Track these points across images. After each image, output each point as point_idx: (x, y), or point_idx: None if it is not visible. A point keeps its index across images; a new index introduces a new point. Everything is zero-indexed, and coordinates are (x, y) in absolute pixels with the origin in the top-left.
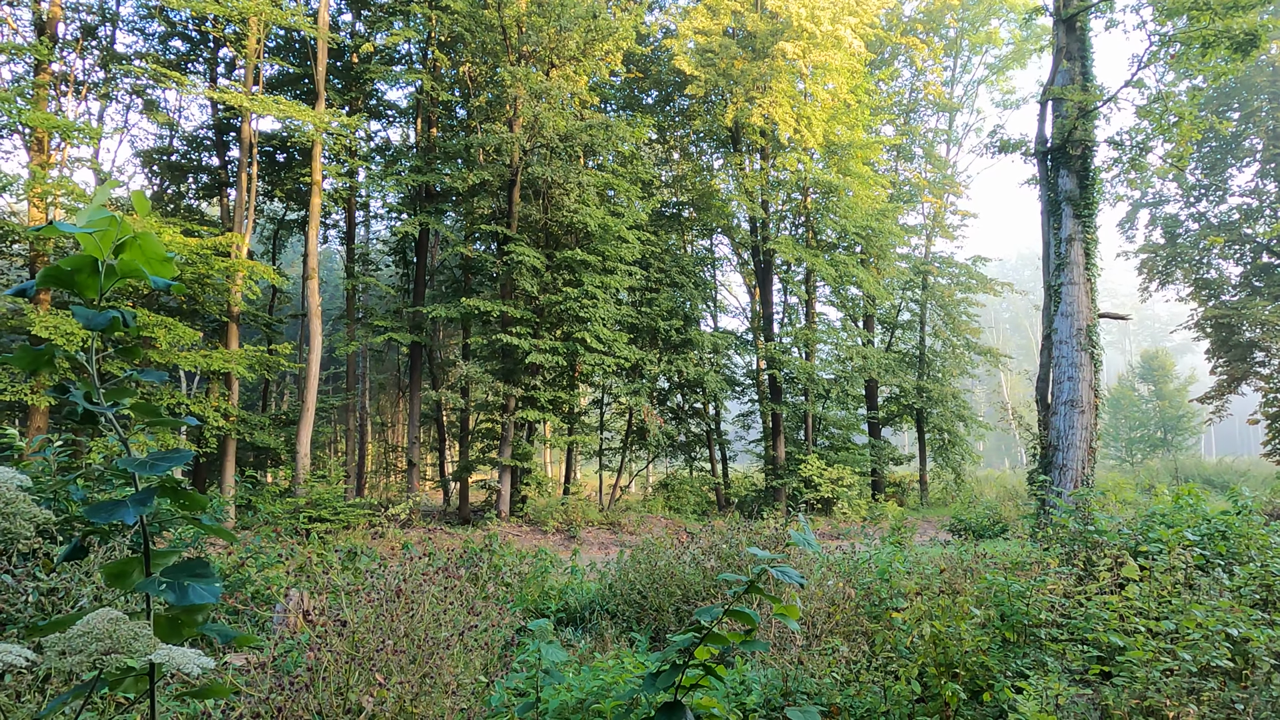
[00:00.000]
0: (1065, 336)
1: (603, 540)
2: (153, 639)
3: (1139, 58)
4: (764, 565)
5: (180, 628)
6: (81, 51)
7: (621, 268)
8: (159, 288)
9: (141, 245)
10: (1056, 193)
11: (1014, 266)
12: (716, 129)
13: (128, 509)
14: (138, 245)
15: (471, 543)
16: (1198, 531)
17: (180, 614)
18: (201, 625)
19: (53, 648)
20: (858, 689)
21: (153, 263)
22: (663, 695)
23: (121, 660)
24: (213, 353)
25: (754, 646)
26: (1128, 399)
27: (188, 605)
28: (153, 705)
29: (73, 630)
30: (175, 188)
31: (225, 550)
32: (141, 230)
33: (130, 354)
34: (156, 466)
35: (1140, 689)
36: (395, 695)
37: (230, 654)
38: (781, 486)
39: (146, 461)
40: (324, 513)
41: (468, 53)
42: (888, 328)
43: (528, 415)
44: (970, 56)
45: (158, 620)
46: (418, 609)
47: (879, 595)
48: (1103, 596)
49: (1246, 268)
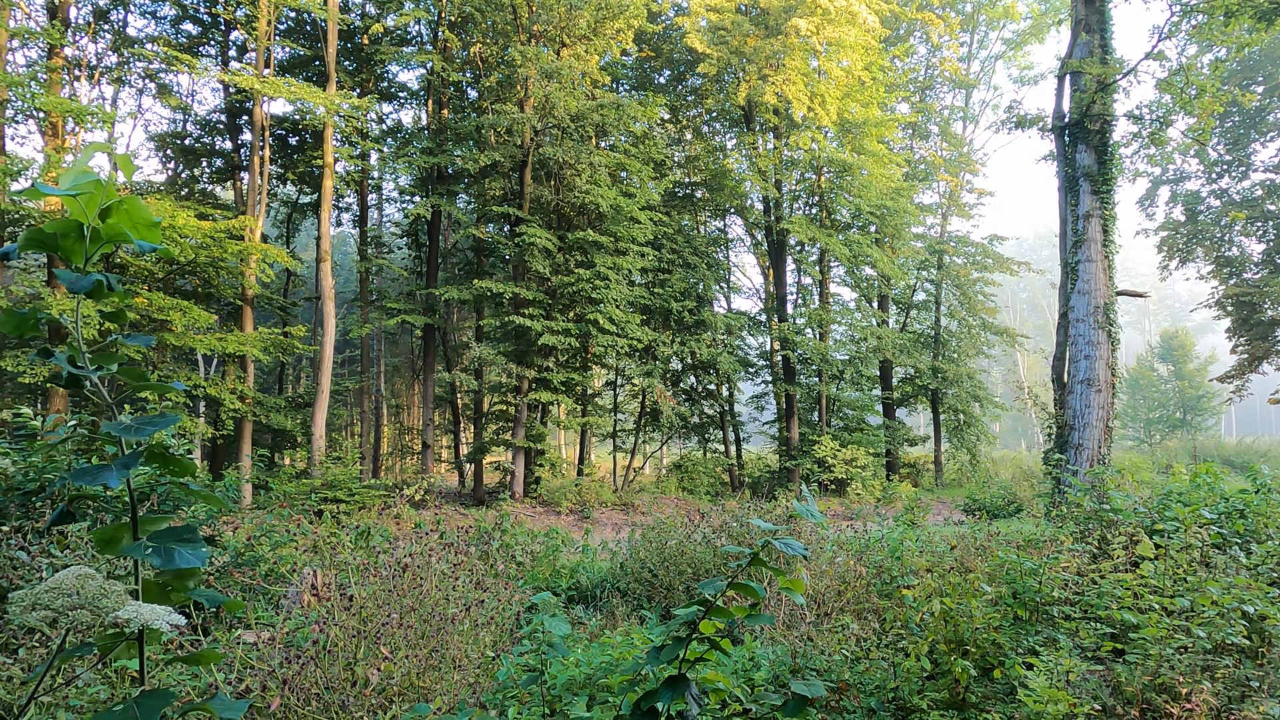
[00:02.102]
0: (1082, 314)
1: (616, 521)
2: (122, 596)
3: (1159, 29)
4: (767, 538)
5: (169, 593)
6: (94, 35)
7: (634, 249)
8: (144, 251)
9: (128, 209)
10: (1074, 168)
11: (1032, 245)
12: (729, 108)
13: (112, 472)
14: (124, 209)
15: (483, 522)
16: (1215, 510)
17: (170, 580)
18: (191, 591)
19: (19, 603)
20: (867, 665)
21: (139, 227)
22: (667, 669)
23: (87, 616)
24: (228, 335)
25: (759, 620)
26: (1147, 379)
27: (175, 570)
28: (142, 668)
29: (41, 586)
30: (189, 172)
31: (233, 528)
32: (128, 194)
33: (117, 318)
34: (142, 430)
35: (1153, 666)
36: (402, 669)
37: (243, 630)
38: (795, 467)
39: (132, 425)
40: (339, 494)
41: (478, 33)
42: (902, 308)
43: (541, 397)
44: (987, 32)
45: (148, 586)
46: (424, 584)
47: (890, 573)
48: (1117, 575)
49: (1269, 245)
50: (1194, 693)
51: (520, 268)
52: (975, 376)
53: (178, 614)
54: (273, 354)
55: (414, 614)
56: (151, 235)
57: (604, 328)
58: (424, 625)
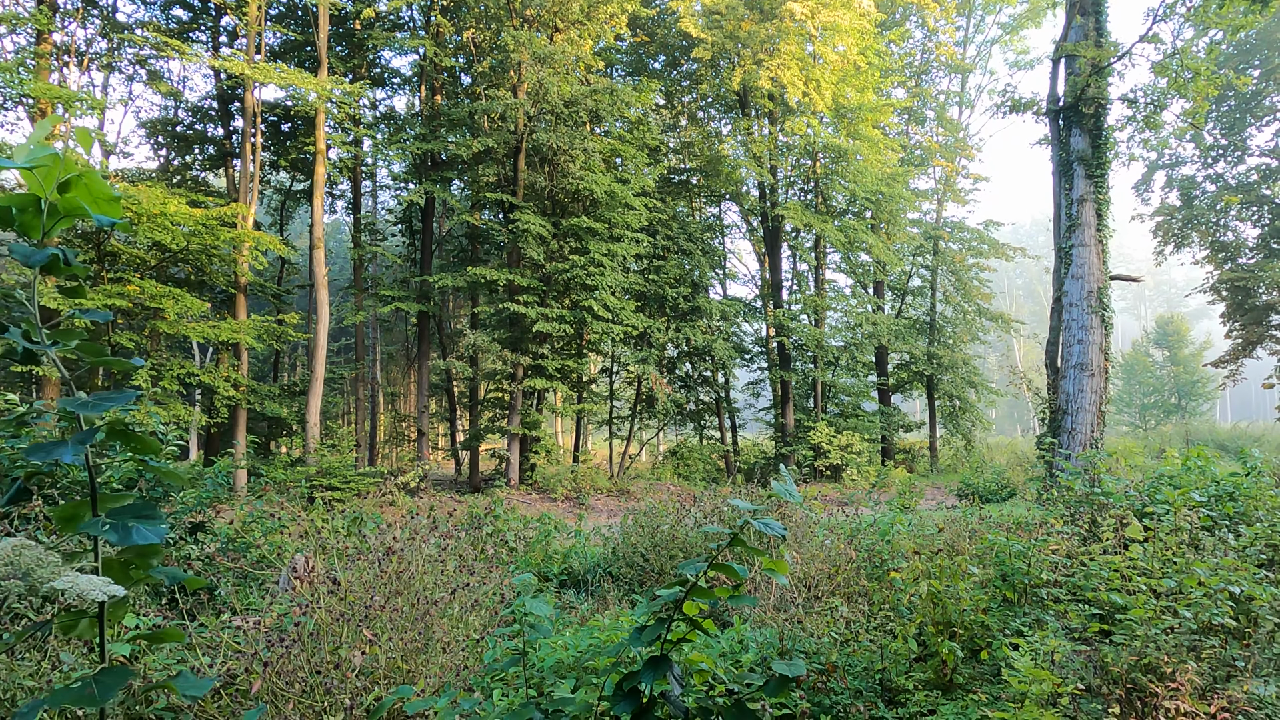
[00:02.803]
0: (1075, 299)
1: (611, 507)
2: (58, 566)
3: (1154, 11)
4: (747, 518)
5: (130, 570)
6: (82, 20)
7: (628, 235)
8: (103, 225)
9: (87, 183)
10: (1068, 152)
11: (1028, 231)
12: (724, 93)
13: (66, 448)
14: (83, 184)
15: (476, 508)
16: (1205, 493)
17: (133, 558)
18: (152, 569)
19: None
20: (855, 648)
21: (99, 202)
22: (649, 650)
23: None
24: (221, 323)
25: (742, 601)
26: (1142, 365)
27: (136, 547)
28: (102, 645)
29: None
30: (181, 159)
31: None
32: (86, 168)
33: (74, 294)
34: (98, 406)
35: (1140, 647)
36: (387, 652)
37: (230, 615)
38: (791, 454)
39: (89, 401)
40: (335, 481)
41: (470, 17)
42: (898, 294)
43: (536, 383)
44: (984, 16)
45: (109, 563)
46: (409, 568)
47: (880, 556)
48: (1106, 557)
49: (1264, 229)
50: (1179, 672)
51: (515, 254)
52: (970, 362)
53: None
54: (266, 342)
55: (400, 598)
56: (111, 210)
57: (599, 314)
58: (410, 609)
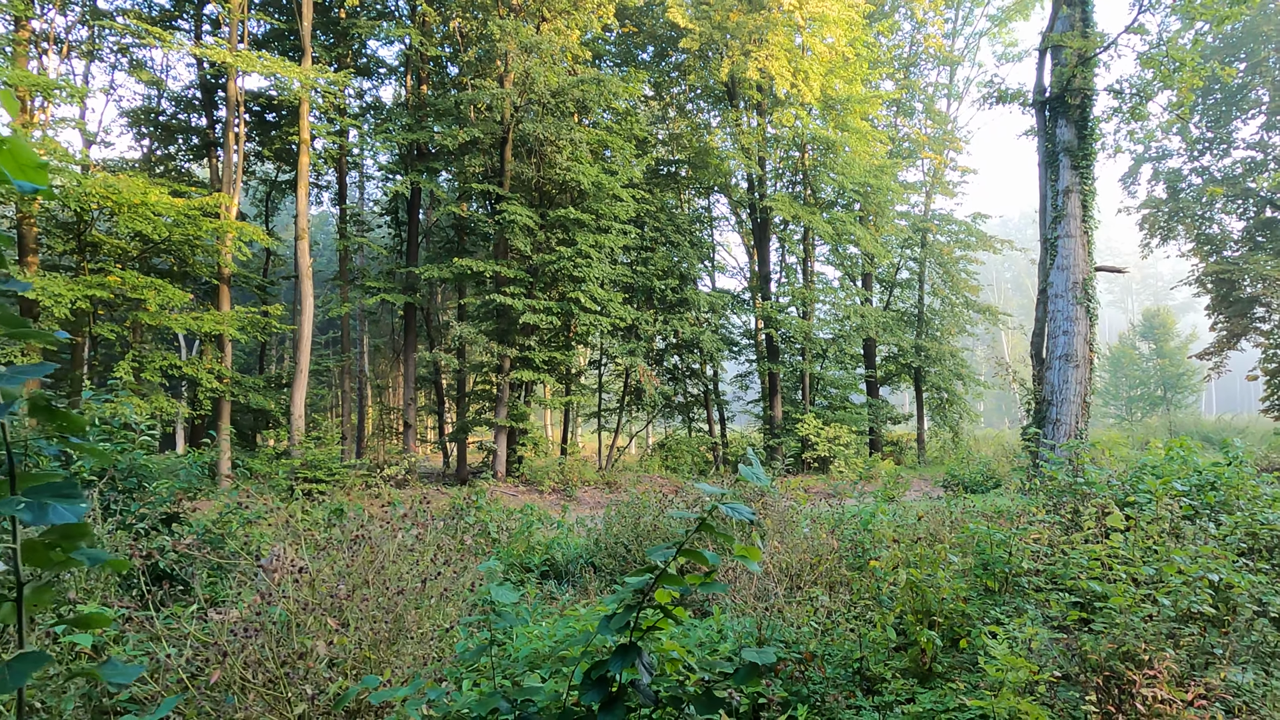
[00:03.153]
0: (1061, 290)
1: (598, 499)
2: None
3: (1140, 1)
4: (715, 502)
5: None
6: (62, 8)
7: (616, 226)
8: (25, 193)
9: (11, 150)
10: (1054, 143)
11: (1016, 224)
12: (712, 85)
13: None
14: (6, 150)
15: (459, 500)
16: (1187, 483)
17: (57, 540)
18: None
19: None
20: (834, 637)
21: (25, 169)
22: (619, 638)
23: None
24: (204, 314)
25: (713, 588)
26: (1128, 357)
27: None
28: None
29: None
30: (164, 149)
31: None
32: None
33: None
34: (14, 379)
35: (1119, 634)
36: (355, 641)
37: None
38: (779, 446)
39: (4, 374)
40: (319, 474)
41: (457, 6)
42: (886, 286)
43: (523, 376)
44: (972, 8)
45: (30, 545)
46: (380, 557)
47: (863, 546)
48: (1087, 546)
49: (1249, 222)
50: (1157, 660)
51: (501, 246)
52: (958, 354)
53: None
54: (250, 333)
55: (370, 587)
56: (37, 177)
57: (586, 306)
58: (379, 597)
